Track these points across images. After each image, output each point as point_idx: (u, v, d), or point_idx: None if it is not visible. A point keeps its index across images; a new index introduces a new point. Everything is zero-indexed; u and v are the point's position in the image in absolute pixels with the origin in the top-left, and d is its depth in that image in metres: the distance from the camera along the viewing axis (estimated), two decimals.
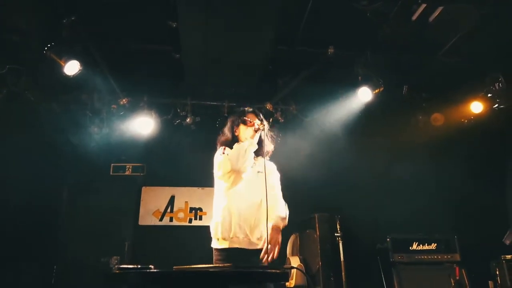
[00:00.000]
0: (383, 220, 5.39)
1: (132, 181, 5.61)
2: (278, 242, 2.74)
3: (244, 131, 3.00)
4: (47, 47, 3.71)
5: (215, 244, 2.84)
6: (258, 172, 2.96)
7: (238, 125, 3.05)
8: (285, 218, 2.90)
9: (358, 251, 5.11)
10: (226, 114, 5.22)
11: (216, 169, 2.87)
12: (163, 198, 5.66)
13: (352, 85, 4.79)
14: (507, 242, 2.90)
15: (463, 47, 4.31)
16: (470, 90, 4.99)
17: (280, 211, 2.92)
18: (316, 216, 4.87)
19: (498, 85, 4.58)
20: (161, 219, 5.57)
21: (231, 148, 2.90)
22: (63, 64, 3.82)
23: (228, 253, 2.75)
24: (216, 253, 2.83)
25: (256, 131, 2.91)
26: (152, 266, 1.14)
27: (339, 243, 4.73)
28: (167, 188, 5.72)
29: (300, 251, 5.11)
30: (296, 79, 4.88)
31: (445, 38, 4.34)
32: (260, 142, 2.94)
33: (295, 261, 4.85)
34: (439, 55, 4.56)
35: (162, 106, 5.17)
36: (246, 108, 3.14)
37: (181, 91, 5.07)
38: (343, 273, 4.63)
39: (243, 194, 2.87)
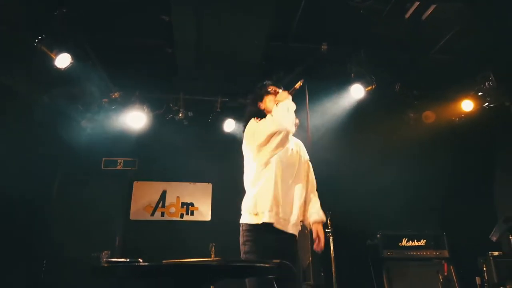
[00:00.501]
0: (374, 217, 5.41)
1: (123, 176, 5.59)
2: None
3: (270, 101, 2.69)
4: (38, 39, 3.67)
5: (249, 219, 2.48)
6: (292, 149, 2.69)
7: (262, 99, 2.75)
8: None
9: (349, 247, 5.14)
10: (219, 110, 5.20)
11: (258, 136, 2.47)
12: (154, 193, 5.64)
13: (345, 82, 4.80)
14: (494, 239, 2.94)
15: (455, 45, 4.33)
16: (462, 89, 5.03)
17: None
18: None
19: (489, 83, 4.63)
20: (152, 214, 5.56)
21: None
22: (54, 57, 3.78)
23: (272, 233, 2.45)
24: (255, 233, 2.45)
25: (290, 92, 2.62)
26: (141, 260, 1.13)
27: (330, 239, 4.75)
28: (158, 183, 5.71)
29: None
30: (290, 75, 4.87)
31: (438, 36, 4.36)
32: None
33: None
34: (431, 53, 4.58)
35: (154, 101, 5.15)
36: (265, 82, 2.84)
37: (174, 86, 5.04)
38: (333, 269, 4.66)
39: (289, 166, 2.59)
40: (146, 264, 1.10)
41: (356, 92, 4.80)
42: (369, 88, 4.84)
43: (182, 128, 5.32)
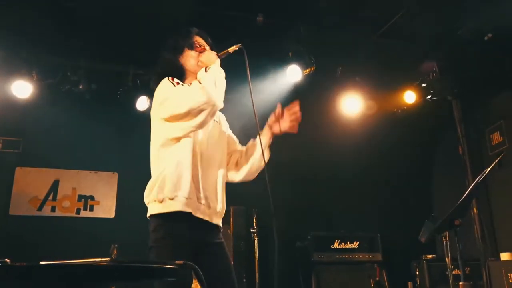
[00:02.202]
0: (305, 216, 5.56)
1: (2, 160, 5.29)
2: None
3: (191, 58, 2.51)
4: None
5: (154, 209, 2.28)
6: (214, 120, 2.53)
7: (182, 51, 2.54)
8: None
9: (276, 250, 5.22)
10: (130, 83, 4.99)
11: (176, 105, 2.24)
12: (43, 183, 5.42)
13: (281, 60, 4.82)
14: (423, 240, 3.15)
15: (402, 28, 4.55)
16: (405, 78, 5.32)
17: None
18: (232, 208, 4.89)
19: (432, 74, 4.94)
20: (39, 209, 5.36)
21: (180, 80, 2.44)
22: None
23: (198, 227, 2.26)
24: (162, 224, 2.24)
25: (219, 56, 2.47)
26: (8, 260, 1.03)
27: (254, 240, 4.80)
28: (49, 170, 5.49)
29: None
30: (218, 48, 4.77)
31: (383, 18, 4.55)
32: None
33: None
34: (376, 36, 4.76)
35: (47, 66, 4.88)
36: (190, 28, 2.61)
37: (74, 50, 4.75)
38: (256, 274, 4.71)
39: (208, 145, 2.43)
40: (12, 264, 1.02)
41: (293, 74, 4.83)
42: (307, 70, 4.92)
43: (82, 104, 5.11)
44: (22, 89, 4.74)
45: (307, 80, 4.86)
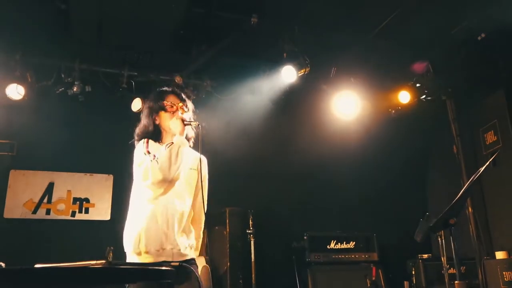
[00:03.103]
0: (301, 216, 5.57)
1: None
2: None
3: (166, 119, 2.86)
4: None
5: (135, 259, 2.65)
6: (190, 169, 2.90)
7: (157, 112, 2.90)
8: None
9: (272, 250, 5.23)
10: (125, 85, 4.98)
11: (141, 177, 2.70)
12: (38, 185, 5.35)
13: (276, 62, 4.82)
14: (418, 239, 3.17)
15: (396, 29, 4.56)
16: (400, 78, 5.34)
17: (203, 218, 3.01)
18: (227, 210, 4.88)
19: (426, 74, 4.96)
20: (34, 212, 5.28)
21: (155, 140, 2.84)
22: None
23: None
24: None
25: (185, 124, 2.81)
26: (3, 264, 1.03)
27: (251, 241, 4.80)
28: (44, 172, 5.41)
29: (207, 251, 5.07)
30: (213, 50, 4.78)
31: (378, 18, 4.56)
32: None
33: (200, 262, 4.78)
34: (371, 37, 4.78)
35: (41, 68, 4.83)
36: (164, 89, 2.99)
37: (68, 51, 4.73)
38: (253, 275, 4.71)
39: (173, 199, 2.76)
40: (6, 268, 1.01)
41: (288, 74, 4.83)
42: (302, 71, 4.92)
43: (76, 106, 5.04)
44: (16, 91, 4.67)
45: (302, 81, 4.87)
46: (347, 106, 5.41)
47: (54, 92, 4.91)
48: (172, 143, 2.70)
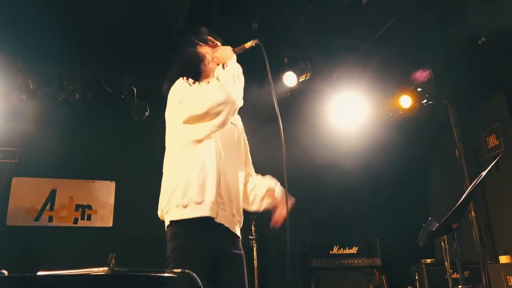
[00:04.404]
0: (303, 221, 5.54)
1: None
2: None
3: (206, 54, 2.45)
4: None
5: (177, 215, 2.12)
6: (231, 123, 2.42)
7: (195, 47, 2.46)
8: None
9: (274, 256, 5.21)
10: (126, 92, 4.99)
11: (195, 104, 2.15)
12: (40, 193, 5.34)
13: (277, 67, 4.83)
14: (421, 243, 3.15)
15: (397, 33, 4.57)
16: (401, 82, 5.34)
17: None
18: None
19: (429, 82, 4.97)
20: (37, 219, 5.26)
21: (196, 80, 2.36)
22: None
23: (218, 234, 2.16)
24: (182, 231, 2.12)
25: (236, 50, 2.39)
26: (5, 271, 1.02)
27: (253, 247, 4.78)
28: (46, 179, 5.40)
29: None
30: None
31: (378, 23, 4.57)
32: None
33: None
34: (371, 41, 4.78)
35: (43, 75, 4.83)
36: (201, 28, 2.54)
37: (70, 58, 4.76)
38: (256, 281, 4.69)
39: (228, 149, 2.33)
40: (8, 275, 1.01)
41: (289, 80, 4.85)
42: (303, 76, 4.93)
43: (78, 112, 5.07)
44: (19, 98, 4.68)
45: (303, 86, 4.88)
46: (348, 111, 5.41)
47: (56, 99, 4.92)
48: (227, 64, 2.30)
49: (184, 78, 2.30)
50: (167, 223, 2.19)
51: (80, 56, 4.77)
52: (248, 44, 2.42)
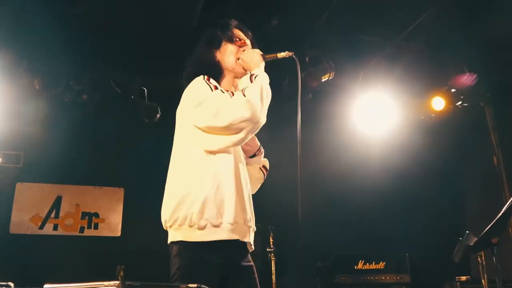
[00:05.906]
0: (326, 233, 5.50)
1: (2, 174, 5.30)
2: None
3: (231, 53, 2.36)
4: None
5: (191, 235, 2.08)
6: None
7: (219, 45, 2.39)
8: None
9: (295, 271, 5.17)
10: (137, 93, 5.03)
11: (213, 113, 2.08)
12: (45, 199, 5.43)
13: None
14: (456, 260, 3.09)
15: (428, 30, 4.52)
16: (433, 83, 5.28)
17: None
18: None
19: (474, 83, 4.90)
20: (41, 227, 5.35)
21: (216, 80, 2.30)
22: None
23: (227, 249, 2.12)
24: (191, 249, 2.08)
25: (266, 57, 2.32)
26: (11, 284, 1.04)
27: (271, 260, 4.75)
28: (51, 185, 5.49)
29: None
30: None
31: (408, 19, 4.53)
32: None
33: None
34: (400, 39, 4.74)
35: (49, 76, 4.89)
36: (229, 21, 2.46)
37: (77, 59, 4.81)
38: None
39: (237, 160, 2.28)
40: None
41: (312, 80, 4.82)
42: (326, 76, 4.90)
43: (86, 115, 5.16)
44: (24, 100, 4.78)
45: (327, 86, 4.85)
46: (375, 114, 5.37)
47: (63, 101, 4.99)
48: (256, 75, 2.21)
49: (205, 77, 2.25)
50: (174, 238, 2.14)
51: (89, 56, 4.81)
52: (282, 55, 2.35)
